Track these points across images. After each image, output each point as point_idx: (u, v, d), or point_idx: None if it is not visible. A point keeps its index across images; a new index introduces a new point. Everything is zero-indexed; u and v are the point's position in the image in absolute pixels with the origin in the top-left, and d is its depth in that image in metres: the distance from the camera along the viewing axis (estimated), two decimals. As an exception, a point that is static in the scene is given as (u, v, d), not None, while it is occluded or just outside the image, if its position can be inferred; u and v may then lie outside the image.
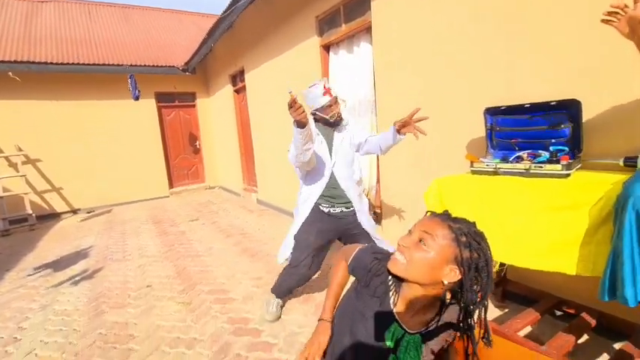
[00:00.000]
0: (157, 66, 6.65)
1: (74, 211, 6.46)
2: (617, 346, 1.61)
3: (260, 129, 5.36)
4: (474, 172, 1.75)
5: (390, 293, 0.84)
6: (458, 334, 0.82)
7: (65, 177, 6.32)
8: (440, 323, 0.82)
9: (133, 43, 7.37)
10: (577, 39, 1.65)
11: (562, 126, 1.59)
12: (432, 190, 1.79)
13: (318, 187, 2.02)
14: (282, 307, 2.25)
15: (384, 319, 0.83)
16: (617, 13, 1.02)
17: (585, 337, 1.68)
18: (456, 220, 0.78)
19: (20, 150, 5.82)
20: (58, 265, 3.57)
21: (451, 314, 0.83)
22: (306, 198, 2.06)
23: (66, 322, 2.34)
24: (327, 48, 3.57)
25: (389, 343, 0.82)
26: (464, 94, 2.21)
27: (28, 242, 4.63)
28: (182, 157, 7.82)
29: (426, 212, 0.84)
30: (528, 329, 1.79)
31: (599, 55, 1.59)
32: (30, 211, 5.47)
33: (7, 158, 5.71)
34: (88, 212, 6.32)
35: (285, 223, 4.45)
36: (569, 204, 1.25)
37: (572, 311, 1.70)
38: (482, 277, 0.73)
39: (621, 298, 0.99)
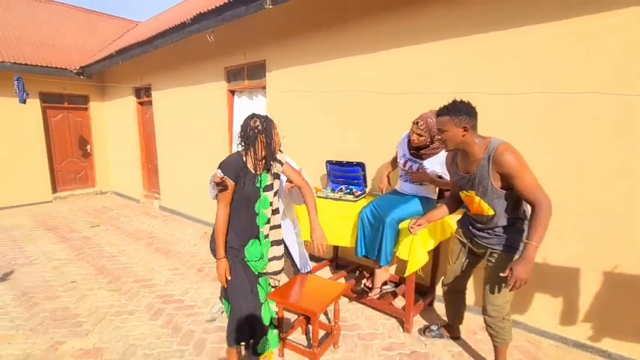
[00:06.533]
0: (46, 66, 6.42)
1: None
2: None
3: (168, 143, 5.97)
4: (318, 197, 3.17)
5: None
6: None
7: None
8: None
9: (21, 38, 6.86)
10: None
11: (359, 174, 3.13)
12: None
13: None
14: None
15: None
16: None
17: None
18: None
19: None
20: (-49, 272, 3.62)
21: None
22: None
23: (6, 312, 2.80)
24: (232, 92, 4.65)
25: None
26: (319, 148, 3.66)
27: None
28: (69, 160, 7.51)
29: None
30: (343, 279, 3.30)
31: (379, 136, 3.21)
32: None
33: None
34: (-52, 219, 5.66)
35: (189, 227, 5.27)
36: (351, 214, 2.73)
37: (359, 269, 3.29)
38: None
39: (356, 254, 2.49)
